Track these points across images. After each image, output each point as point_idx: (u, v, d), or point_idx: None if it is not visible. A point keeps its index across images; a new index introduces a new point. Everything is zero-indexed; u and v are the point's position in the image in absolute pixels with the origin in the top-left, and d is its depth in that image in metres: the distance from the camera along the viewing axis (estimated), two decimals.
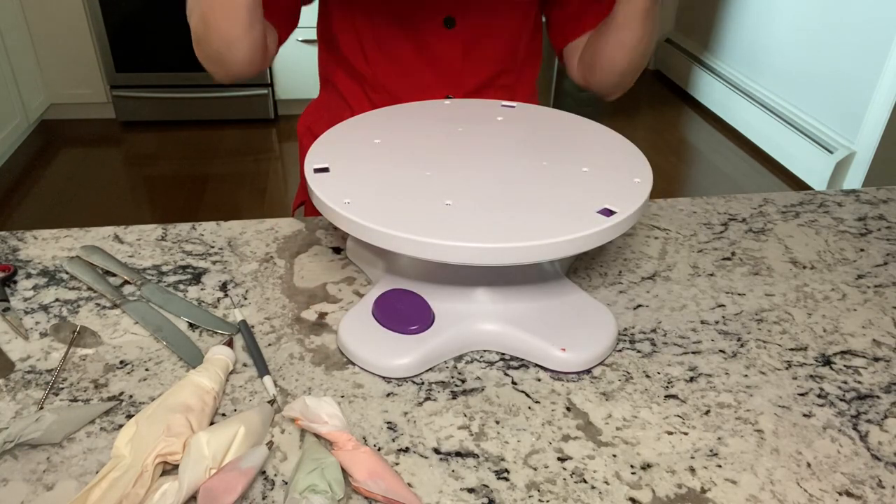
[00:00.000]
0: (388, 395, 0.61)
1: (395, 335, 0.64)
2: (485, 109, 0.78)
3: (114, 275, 0.75)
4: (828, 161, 2.66)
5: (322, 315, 0.71)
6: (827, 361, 0.67)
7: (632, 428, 0.59)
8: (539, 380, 0.63)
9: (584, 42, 0.94)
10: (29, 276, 0.75)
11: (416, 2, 0.85)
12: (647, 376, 0.64)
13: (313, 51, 2.98)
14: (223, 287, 0.74)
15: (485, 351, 0.66)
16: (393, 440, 0.57)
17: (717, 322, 0.71)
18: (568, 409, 0.60)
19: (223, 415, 0.59)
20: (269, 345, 0.67)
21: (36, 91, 2.98)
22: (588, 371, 0.64)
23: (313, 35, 2.45)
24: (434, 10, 0.86)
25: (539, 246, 0.56)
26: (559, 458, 0.56)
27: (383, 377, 0.63)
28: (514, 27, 0.91)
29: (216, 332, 0.68)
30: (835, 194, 0.97)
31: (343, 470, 0.52)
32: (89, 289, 0.73)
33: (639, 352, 0.67)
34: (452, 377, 0.63)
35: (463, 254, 0.56)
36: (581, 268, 0.79)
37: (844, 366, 0.66)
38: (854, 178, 2.62)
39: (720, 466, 0.55)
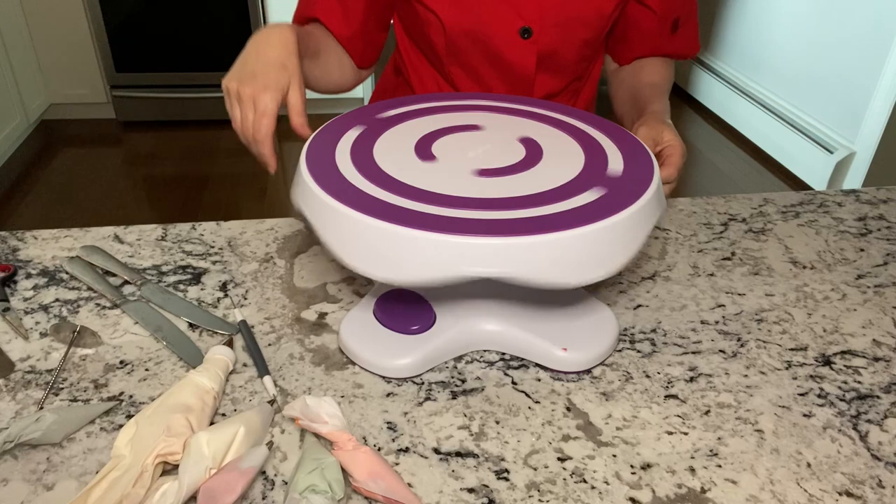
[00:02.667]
0: (388, 395, 0.61)
1: (396, 335, 0.64)
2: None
3: (114, 275, 0.75)
4: (828, 161, 2.66)
5: (322, 315, 0.71)
6: (827, 361, 0.67)
7: (632, 428, 0.59)
8: (539, 380, 0.63)
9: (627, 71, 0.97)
10: (29, 276, 0.75)
11: (494, 10, 0.84)
12: (647, 376, 0.64)
13: None
14: (223, 287, 0.74)
15: (485, 351, 0.66)
16: (393, 440, 0.57)
17: (717, 322, 0.71)
18: (568, 409, 0.60)
19: (223, 415, 0.59)
20: (269, 345, 0.66)
21: (36, 91, 2.98)
22: (588, 371, 0.64)
23: None
24: (512, 20, 0.85)
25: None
26: (559, 458, 0.56)
27: (383, 377, 0.63)
28: (591, 39, 0.89)
29: (216, 332, 0.68)
30: (835, 194, 0.97)
31: (343, 470, 0.52)
32: (89, 289, 0.73)
33: (639, 352, 0.67)
34: (452, 377, 0.63)
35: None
36: None
37: (844, 366, 0.66)
38: (854, 178, 2.62)
39: (720, 466, 0.55)
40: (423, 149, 0.66)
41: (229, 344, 0.64)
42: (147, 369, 0.63)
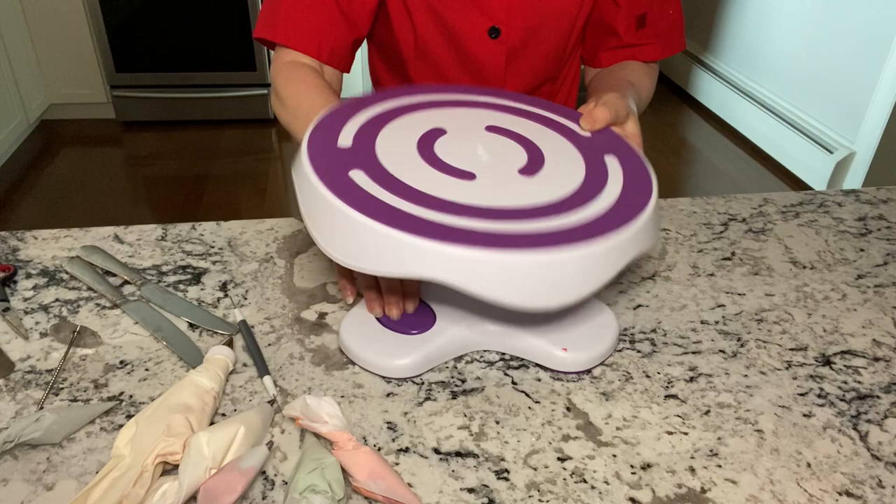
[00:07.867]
0: (388, 395, 0.61)
1: (396, 335, 0.64)
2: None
3: (114, 275, 0.75)
4: (828, 161, 2.66)
5: (322, 315, 0.71)
6: (827, 361, 0.67)
7: (632, 428, 0.59)
8: (539, 380, 0.63)
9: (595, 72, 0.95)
10: (29, 276, 0.75)
11: (461, 12, 0.85)
12: (647, 376, 0.64)
13: None
14: (223, 287, 0.74)
15: (485, 351, 0.66)
16: (393, 440, 0.57)
17: (717, 322, 0.71)
18: (568, 409, 0.60)
19: (223, 415, 0.59)
20: (269, 345, 0.66)
21: (36, 91, 2.98)
22: (588, 371, 0.64)
23: None
24: (479, 21, 0.85)
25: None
26: (559, 458, 0.56)
27: (383, 377, 0.63)
28: (560, 38, 0.89)
29: (216, 332, 0.68)
30: (835, 194, 0.97)
31: (343, 470, 0.52)
32: (89, 289, 0.73)
33: (639, 352, 0.67)
34: (452, 377, 0.63)
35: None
36: None
37: (844, 366, 0.66)
38: (854, 178, 2.62)
39: (720, 466, 0.55)
40: (426, 146, 0.65)
41: (229, 344, 0.64)
42: (147, 369, 0.63)
